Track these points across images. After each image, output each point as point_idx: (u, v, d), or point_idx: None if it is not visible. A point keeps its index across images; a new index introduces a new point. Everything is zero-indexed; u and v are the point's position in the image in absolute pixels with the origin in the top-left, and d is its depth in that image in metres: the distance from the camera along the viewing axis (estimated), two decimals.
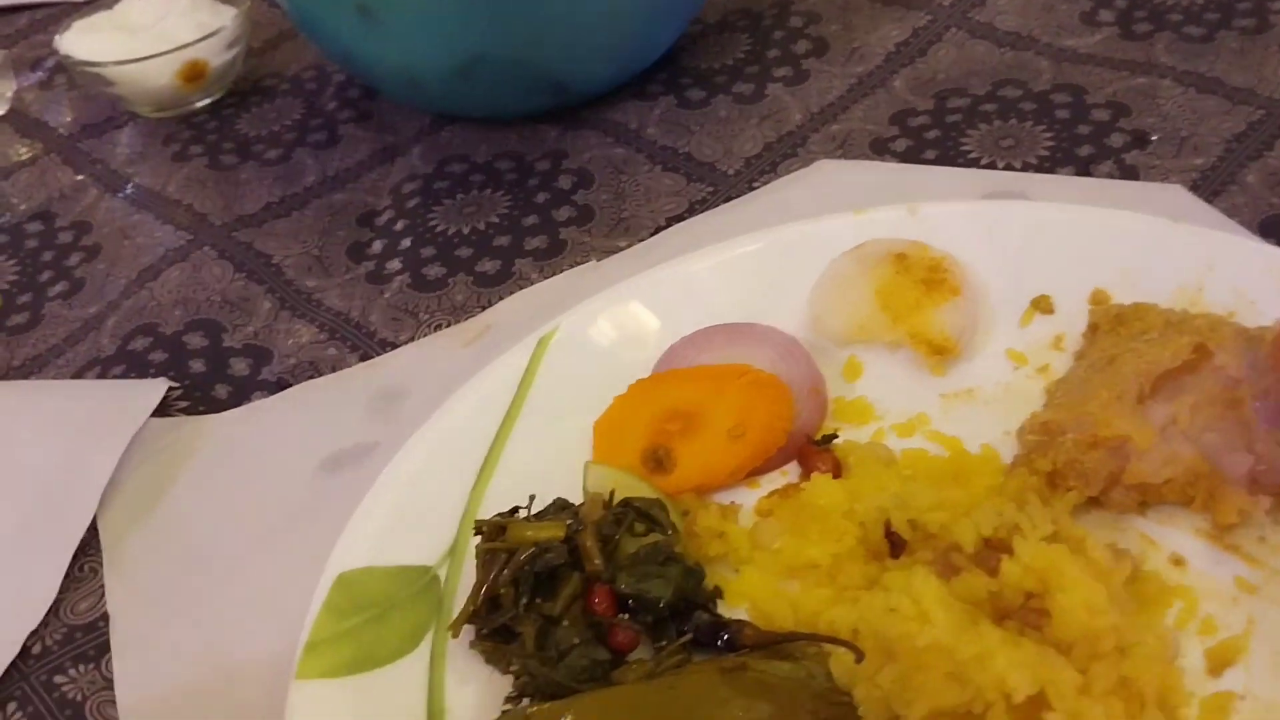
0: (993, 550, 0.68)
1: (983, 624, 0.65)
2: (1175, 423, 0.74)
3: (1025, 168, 1.04)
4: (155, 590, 0.82)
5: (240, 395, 0.97)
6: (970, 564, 0.68)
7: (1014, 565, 0.66)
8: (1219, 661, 0.67)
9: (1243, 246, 0.86)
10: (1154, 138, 1.05)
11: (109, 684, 0.77)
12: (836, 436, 0.82)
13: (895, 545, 0.72)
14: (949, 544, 0.69)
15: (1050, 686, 0.62)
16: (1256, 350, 0.76)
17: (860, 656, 0.65)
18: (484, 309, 1.00)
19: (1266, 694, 0.65)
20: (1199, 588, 0.70)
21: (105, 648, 0.79)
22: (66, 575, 0.83)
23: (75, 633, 0.81)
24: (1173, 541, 0.73)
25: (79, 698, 0.77)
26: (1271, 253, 0.85)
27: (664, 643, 0.70)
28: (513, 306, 0.99)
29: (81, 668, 0.79)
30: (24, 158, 1.32)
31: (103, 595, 0.82)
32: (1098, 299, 0.86)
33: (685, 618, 0.71)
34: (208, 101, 1.34)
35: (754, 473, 0.81)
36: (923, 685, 0.62)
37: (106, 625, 0.80)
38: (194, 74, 1.30)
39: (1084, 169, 1.03)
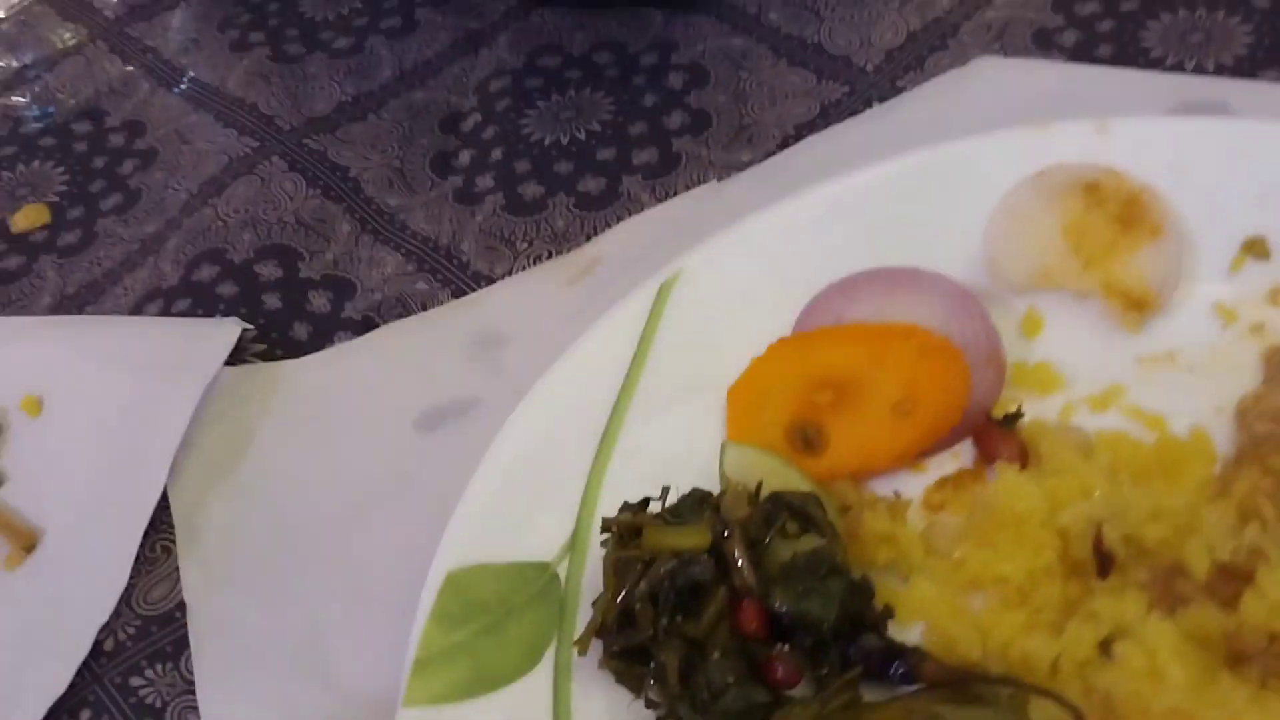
0: (1229, 579, 0.57)
1: (1223, 678, 0.54)
2: None
3: (1221, 70, 0.89)
4: (236, 574, 0.74)
5: (321, 336, 0.87)
6: (1200, 594, 0.57)
7: (1258, 599, 0.55)
8: None
9: None
10: None
11: (190, 686, 0.69)
12: (1022, 415, 0.70)
13: (1104, 563, 0.61)
14: (1170, 565, 0.58)
15: None
16: None
17: (1079, 716, 0.54)
18: (588, 238, 0.88)
19: None
20: None
21: (183, 643, 0.71)
22: (137, 558, 0.74)
23: (150, 625, 0.73)
24: None
25: (158, 703, 0.69)
26: None
27: (824, 671, 0.60)
28: (621, 237, 0.87)
29: (159, 667, 0.71)
30: (69, 44, 1.20)
31: (177, 580, 0.74)
32: None
33: (848, 640, 0.61)
34: None
35: (923, 454, 0.70)
36: None
37: (183, 616, 0.72)
38: None
39: None
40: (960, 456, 0.70)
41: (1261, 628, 0.55)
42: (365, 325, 0.87)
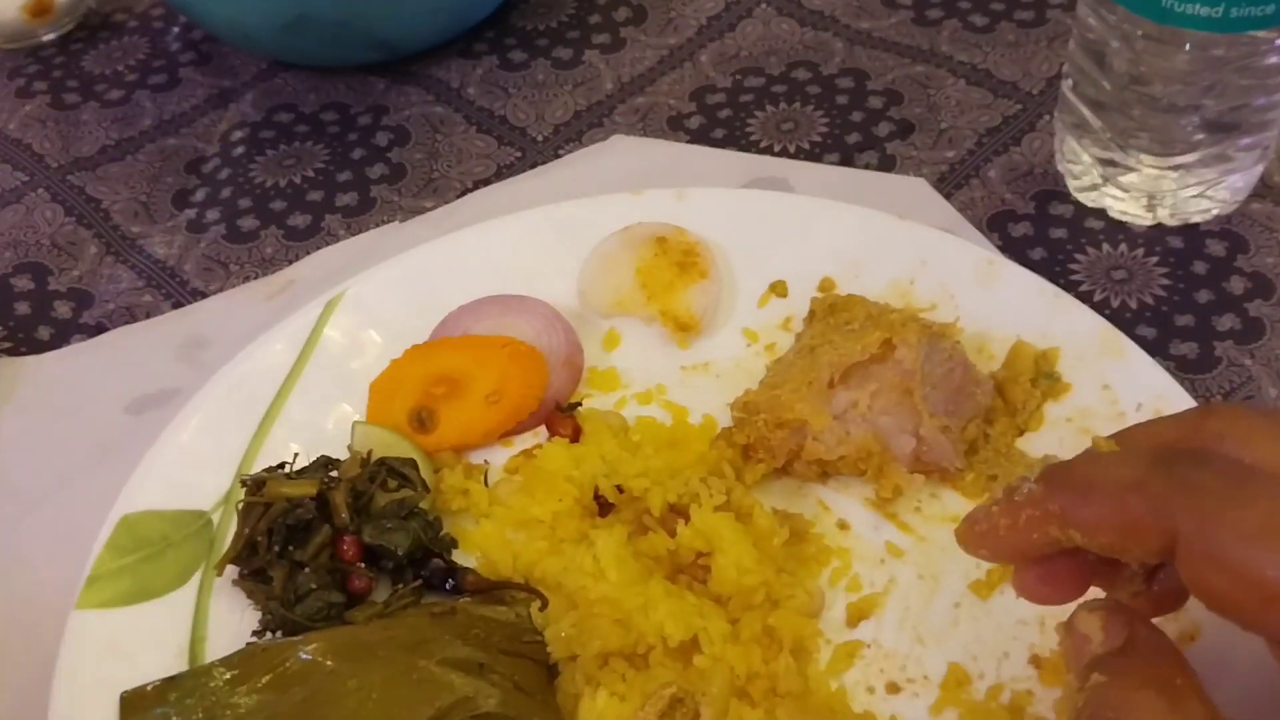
0: (676, 514, 0.80)
1: (654, 578, 0.77)
2: (856, 407, 0.86)
3: (798, 152, 1.14)
4: None
5: (61, 338, 1.06)
6: (657, 525, 0.80)
7: (688, 529, 0.78)
8: (856, 615, 0.80)
9: (952, 245, 0.97)
10: (916, 128, 1.15)
11: None
12: (580, 405, 0.93)
13: (603, 506, 0.84)
14: (643, 507, 0.81)
15: (702, 633, 0.75)
16: (936, 344, 0.88)
17: (545, 604, 0.77)
18: (290, 263, 1.09)
19: (889, 644, 0.79)
20: (855, 550, 0.83)
21: None
22: None
23: None
24: (843, 508, 0.86)
25: None
26: (974, 252, 0.97)
27: (401, 586, 0.82)
28: (316, 263, 1.08)
29: None
30: None
31: None
32: (824, 287, 0.97)
33: (424, 564, 0.83)
34: (55, 35, 1.38)
35: (508, 434, 0.92)
36: (595, 629, 0.74)
37: None
38: (41, 8, 1.34)
39: (848, 156, 1.13)
40: (539, 436, 0.93)
41: (690, 547, 0.78)
42: (98, 330, 1.06)
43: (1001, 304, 0.93)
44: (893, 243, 0.97)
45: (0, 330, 1.06)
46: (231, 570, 0.83)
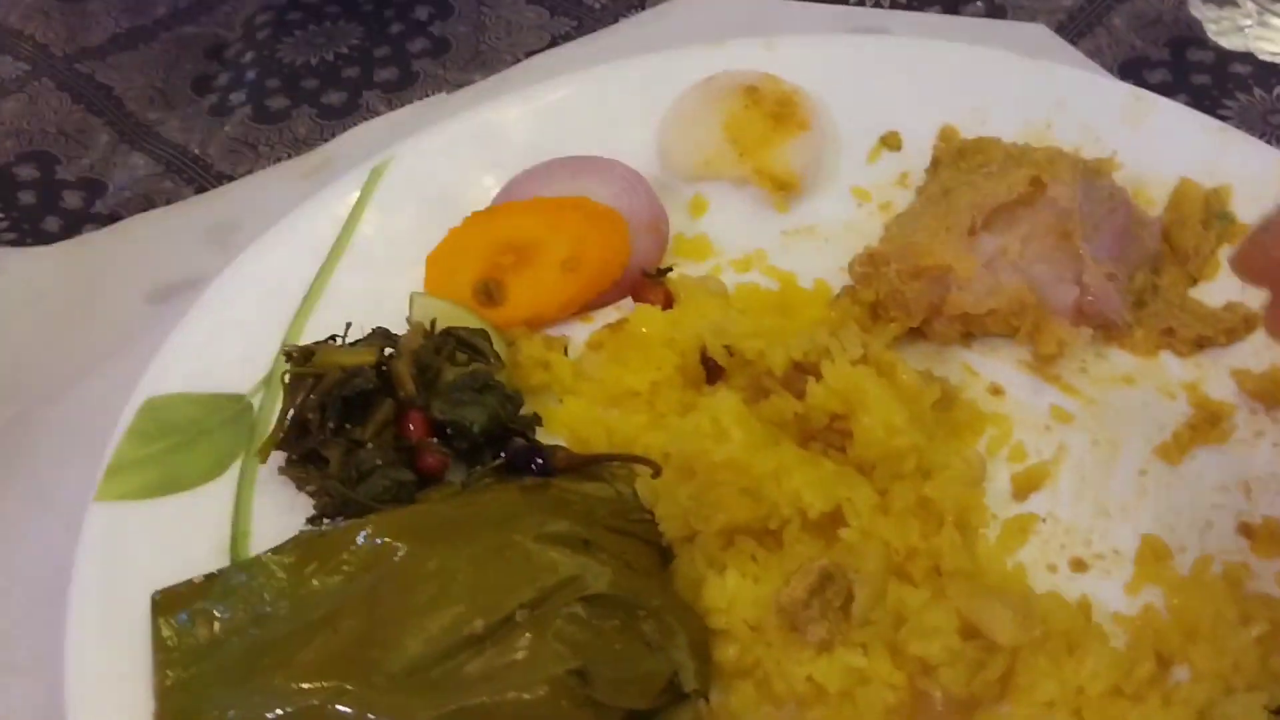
0: (802, 374, 0.67)
1: (784, 444, 0.64)
2: (1005, 254, 0.73)
3: (892, 5, 1.01)
4: None
5: (71, 229, 0.93)
6: (779, 387, 0.67)
7: (820, 387, 0.65)
8: (1026, 485, 0.67)
9: (1092, 83, 0.85)
10: None
11: None
12: (670, 270, 0.80)
13: (711, 371, 0.71)
14: (762, 369, 0.68)
15: (846, 504, 0.62)
16: (1092, 182, 0.75)
17: (657, 472, 0.64)
18: (326, 142, 0.96)
19: (1067, 517, 0.66)
20: (1014, 416, 0.71)
21: None
22: None
23: None
24: (993, 372, 0.73)
25: None
26: (1119, 88, 0.84)
27: (478, 468, 0.69)
28: (356, 139, 0.96)
29: None
30: None
31: None
32: (945, 135, 0.84)
33: (502, 444, 0.70)
34: None
35: (587, 307, 0.79)
36: (718, 500, 0.62)
37: None
38: None
39: (952, 7, 1.00)
40: (623, 310, 0.80)
41: (823, 409, 0.65)
42: (112, 219, 0.93)
43: (1157, 143, 0.80)
44: (1022, 83, 0.85)
45: (3, 220, 0.93)
46: (274, 461, 0.71)
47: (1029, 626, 0.58)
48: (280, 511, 0.70)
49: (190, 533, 0.68)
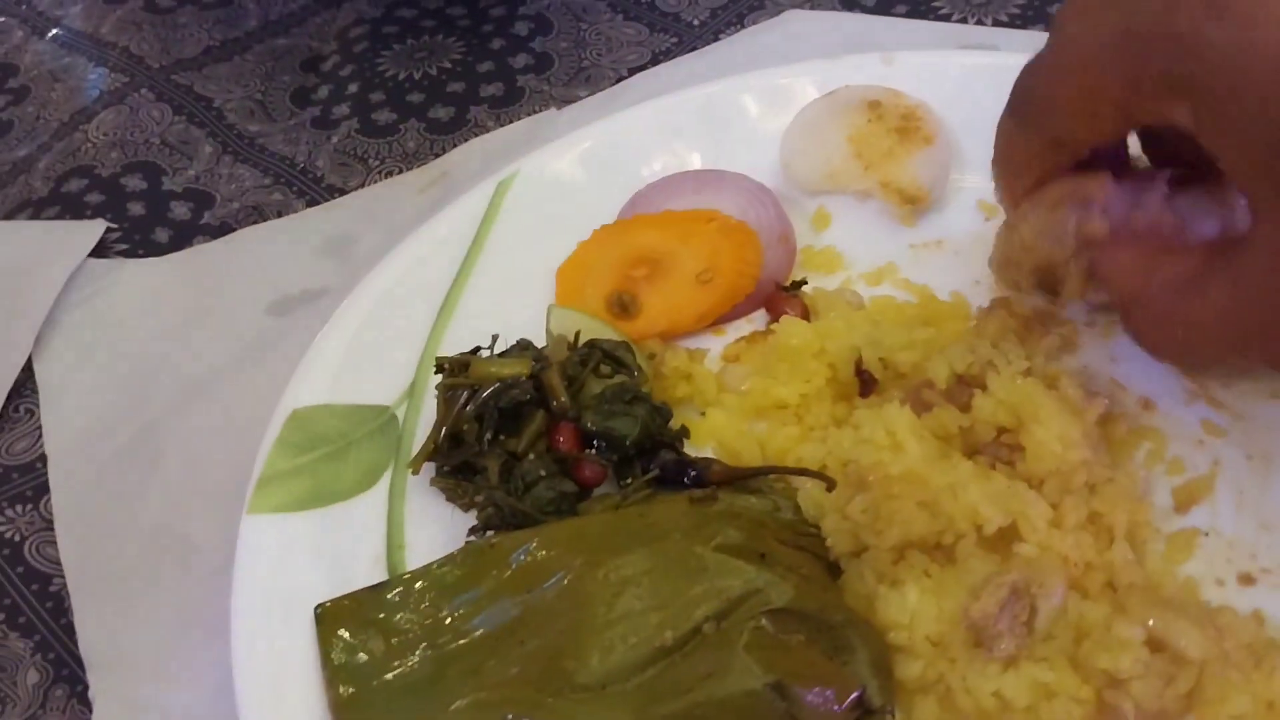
0: (965, 386, 0.67)
1: (955, 457, 0.64)
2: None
3: (996, 25, 1.02)
4: (96, 432, 0.79)
5: (181, 239, 0.93)
6: (942, 400, 0.67)
7: (987, 400, 0.65)
8: (1186, 500, 0.67)
9: None
10: None
11: (48, 524, 0.74)
12: (805, 283, 0.80)
13: (866, 384, 0.71)
14: (921, 381, 0.68)
15: (1022, 519, 0.61)
16: None
17: (831, 485, 0.64)
18: (437, 156, 0.96)
19: (1229, 531, 0.66)
20: (1167, 431, 0.70)
21: (43, 489, 0.76)
22: (1, 415, 0.79)
23: (11, 473, 0.78)
24: (1141, 385, 0.72)
25: (17, 538, 0.74)
26: None
27: (629, 481, 0.69)
28: (469, 153, 0.96)
29: (19, 508, 0.76)
30: None
31: (39, 437, 0.79)
32: None
33: (651, 457, 0.70)
34: None
35: (721, 320, 0.79)
36: (894, 514, 0.61)
37: (44, 467, 0.77)
38: None
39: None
40: (755, 322, 0.80)
41: (990, 422, 0.65)
42: (223, 230, 0.93)
43: None
44: None
45: (114, 230, 0.93)
46: (424, 473, 0.70)
47: (1216, 639, 0.58)
48: (431, 523, 0.70)
49: (347, 545, 0.67)
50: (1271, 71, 0.51)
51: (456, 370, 0.71)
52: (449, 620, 0.59)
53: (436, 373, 0.72)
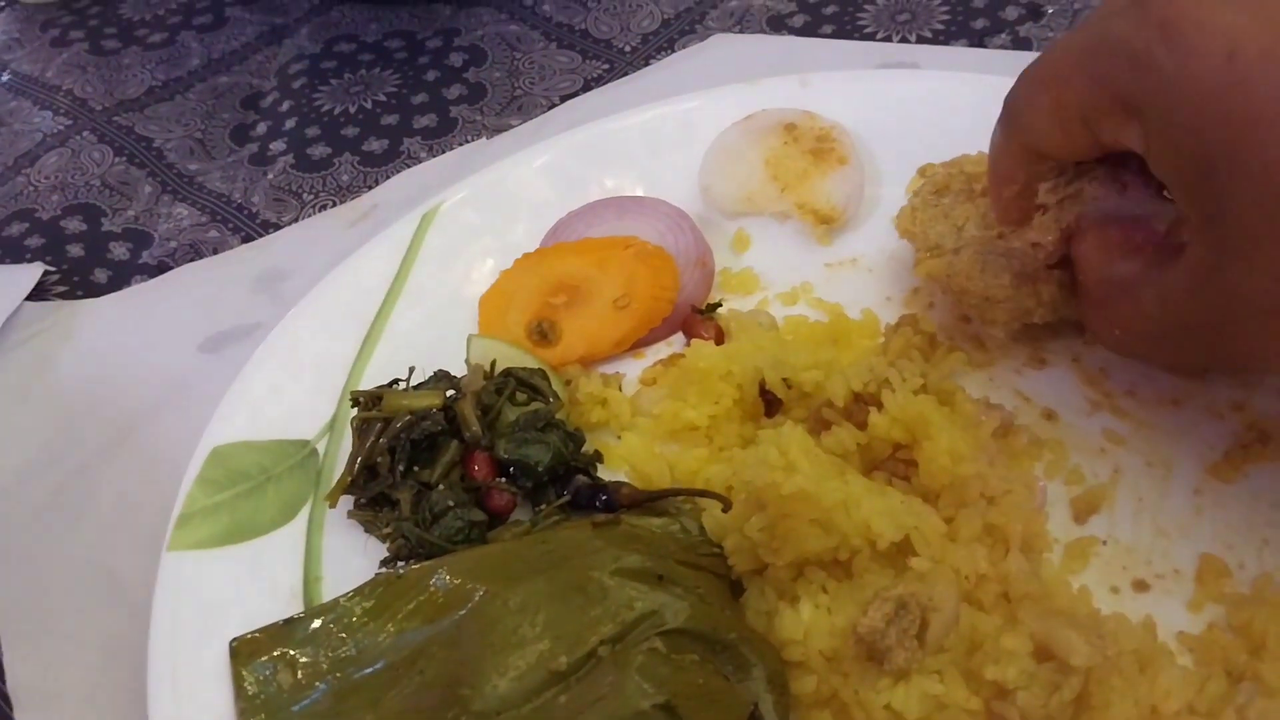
0: (863, 405, 0.68)
1: (850, 474, 0.65)
2: None
3: (919, 41, 1.03)
4: (28, 473, 0.80)
5: (120, 279, 0.95)
6: (840, 418, 0.68)
7: (882, 417, 0.66)
8: (1086, 508, 0.68)
9: None
10: (1049, 10, 1.04)
11: None
12: (720, 305, 0.82)
13: (770, 404, 0.72)
14: (822, 400, 0.70)
15: (914, 533, 0.63)
16: None
17: (727, 506, 0.65)
18: (370, 189, 0.98)
19: (1127, 538, 0.67)
20: (1068, 441, 0.72)
21: None
22: None
23: None
24: (1046, 398, 0.74)
25: None
26: None
27: (543, 507, 0.70)
28: (399, 185, 0.97)
29: None
30: None
31: None
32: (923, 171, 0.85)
33: (565, 482, 0.71)
34: None
35: (639, 344, 0.81)
36: (789, 532, 0.62)
37: None
38: None
39: (977, 42, 1.02)
40: (674, 345, 0.81)
41: (886, 438, 0.67)
42: (160, 269, 0.95)
43: None
44: None
45: (52, 273, 0.95)
46: (343, 505, 0.72)
47: (1101, 647, 0.59)
48: (349, 555, 0.71)
49: (263, 579, 0.69)
50: (1204, 101, 0.52)
51: (370, 404, 0.72)
52: (354, 652, 0.61)
53: (352, 406, 0.74)
